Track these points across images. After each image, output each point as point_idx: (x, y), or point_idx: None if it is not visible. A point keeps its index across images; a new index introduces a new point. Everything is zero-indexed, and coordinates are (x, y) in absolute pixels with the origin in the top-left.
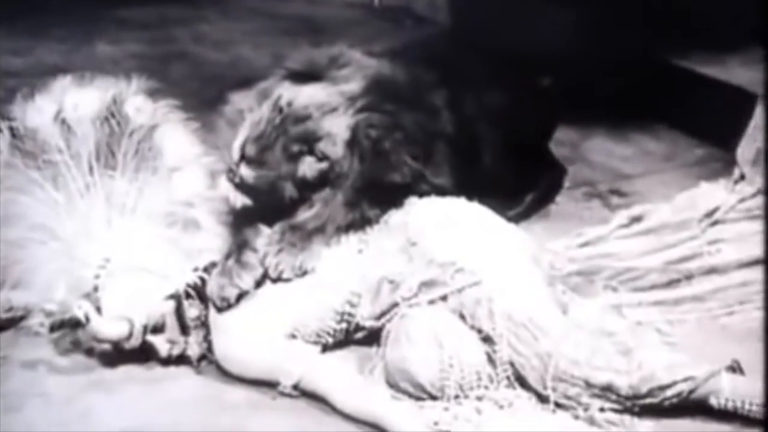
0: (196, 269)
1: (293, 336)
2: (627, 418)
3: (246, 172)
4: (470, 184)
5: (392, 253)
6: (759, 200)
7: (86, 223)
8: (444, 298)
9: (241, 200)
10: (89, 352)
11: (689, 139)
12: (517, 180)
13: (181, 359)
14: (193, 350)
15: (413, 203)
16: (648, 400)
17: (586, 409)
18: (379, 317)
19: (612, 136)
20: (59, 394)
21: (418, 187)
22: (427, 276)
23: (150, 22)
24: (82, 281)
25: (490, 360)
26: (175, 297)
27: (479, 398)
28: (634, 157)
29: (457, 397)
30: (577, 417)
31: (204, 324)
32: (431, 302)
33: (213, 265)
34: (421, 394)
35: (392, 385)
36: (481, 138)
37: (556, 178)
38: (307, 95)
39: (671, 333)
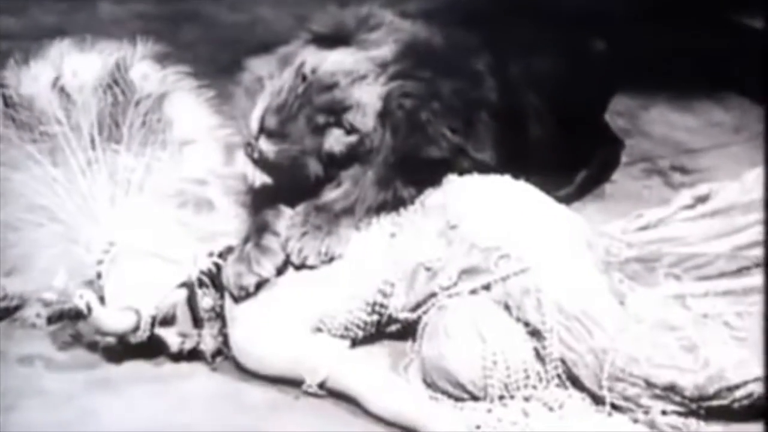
0: (210, 254)
1: (319, 329)
2: (692, 421)
3: (266, 146)
4: (516, 160)
5: (429, 237)
6: None
7: (88, 203)
8: (487, 287)
9: (260, 178)
10: (91, 346)
11: (761, 109)
12: (569, 155)
13: (194, 355)
14: (207, 344)
15: (452, 181)
16: (715, 402)
17: (646, 412)
18: (414, 308)
19: (674, 106)
20: (58, 393)
21: (457, 163)
22: (469, 263)
23: None
24: (83, 267)
25: (539, 356)
26: (187, 285)
27: (526, 399)
28: (699, 129)
29: (501, 397)
30: (636, 420)
31: (219, 315)
32: (473, 292)
33: (229, 249)
34: (461, 394)
35: (429, 384)
36: (528, 108)
37: (612, 153)
38: (333, 61)
39: (741, 327)
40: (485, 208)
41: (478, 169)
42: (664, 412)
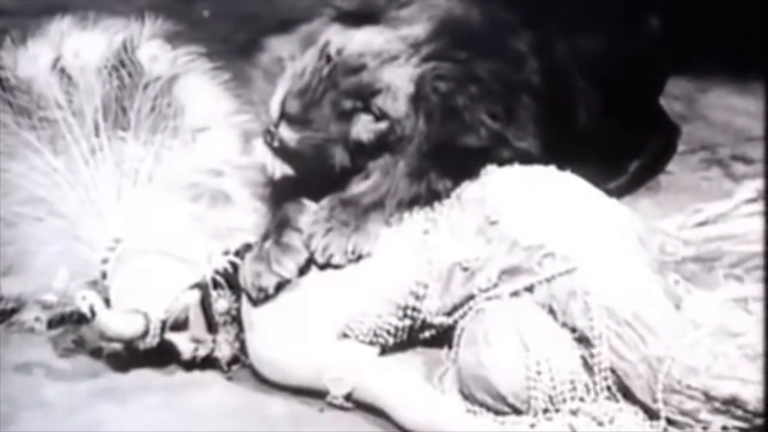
0: (226, 252)
1: (345, 335)
2: None
3: (287, 133)
4: (562, 149)
5: (466, 234)
6: None
7: (92, 196)
8: (530, 289)
9: (280, 168)
10: (96, 353)
11: None
12: (620, 144)
13: (208, 362)
14: (223, 351)
15: (492, 173)
16: None
17: (705, 428)
18: (450, 312)
19: (735, 89)
20: (59, 405)
21: (498, 152)
22: (510, 262)
23: None
24: (86, 266)
25: (587, 366)
26: (201, 286)
27: (573, 413)
28: (762, 114)
29: (546, 411)
30: None
31: (236, 319)
32: (514, 294)
33: (247, 247)
34: (502, 407)
35: (467, 395)
36: (574, 92)
37: (668, 141)
38: (361, 41)
39: None
40: (528, 201)
41: (520, 158)
42: (724, 428)
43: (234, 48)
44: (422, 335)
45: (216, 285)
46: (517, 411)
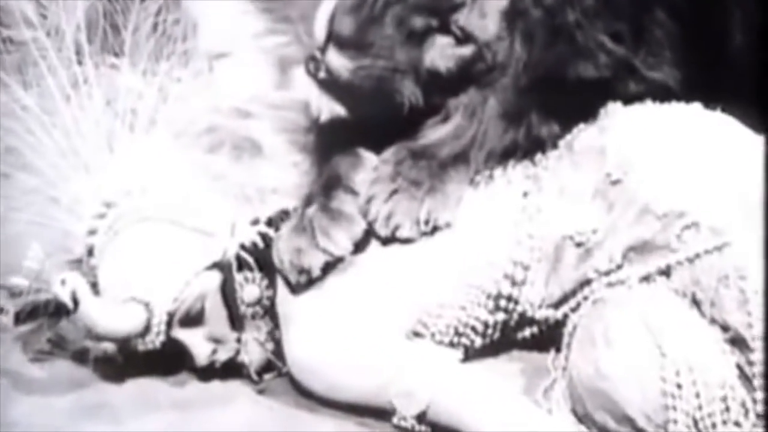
0: (255, 222)
1: (417, 334)
2: None
3: (337, 61)
4: (709, 82)
5: (580, 196)
6: None
7: (75, 145)
8: (666, 272)
9: (328, 108)
10: (80, 356)
11: None
12: None
13: (232, 370)
14: (251, 355)
15: (615, 114)
16: None
17: None
18: (558, 304)
19: None
20: (32, 426)
21: (622, 85)
22: (639, 235)
23: None
24: (68, 240)
25: (744, 377)
26: (222, 267)
27: None
28: None
29: None
30: None
31: (268, 312)
32: (645, 279)
33: (284, 215)
34: None
35: (581, 417)
36: (727, 5)
37: None
38: None
39: None
40: (663, 152)
41: (653, 94)
42: None
43: None
44: (520, 334)
45: (242, 266)
46: None
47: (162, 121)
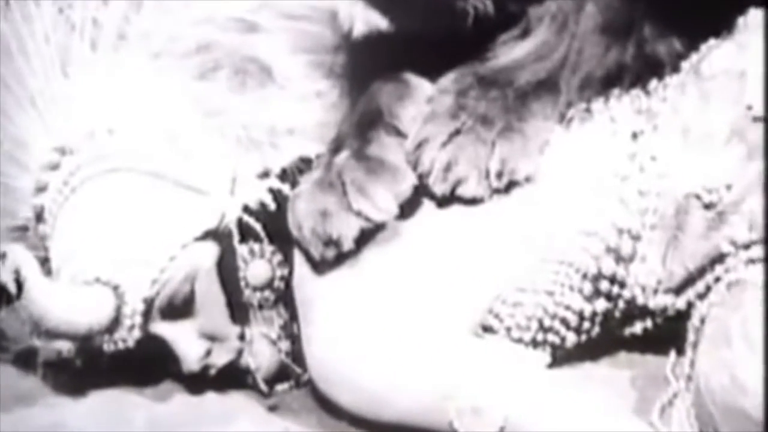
0: (264, 174)
1: (487, 329)
2: None
3: None
4: None
5: (710, 139)
6: None
7: (16, 68)
8: None
9: (364, 18)
10: (25, 360)
11: None
12: None
13: (232, 377)
14: (260, 357)
15: (758, 25)
16: None
17: None
18: (680, 288)
19: None
20: None
21: None
22: None
23: None
24: (9, 200)
25: None
26: (219, 236)
27: None
28: None
29: None
30: None
31: (282, 299)
32: None
33: (304, 164)
34: None
35: None
36: None
37: None
38: None
39: None
40: None
41: None
42: None
43: None
44: (629, 330)
45: (245, 235)
46: None
47: (134, 35)
